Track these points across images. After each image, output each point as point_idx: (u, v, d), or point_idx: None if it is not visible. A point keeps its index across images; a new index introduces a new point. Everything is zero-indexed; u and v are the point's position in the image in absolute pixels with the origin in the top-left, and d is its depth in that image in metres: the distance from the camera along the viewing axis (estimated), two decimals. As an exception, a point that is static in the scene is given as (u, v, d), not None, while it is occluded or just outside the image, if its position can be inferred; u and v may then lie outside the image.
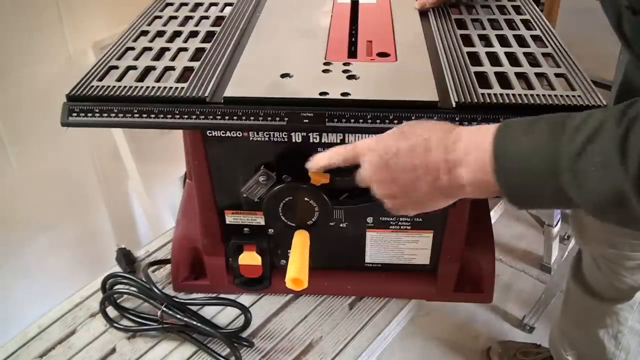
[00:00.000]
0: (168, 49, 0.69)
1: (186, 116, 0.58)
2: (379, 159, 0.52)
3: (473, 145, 0.48)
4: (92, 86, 0.60)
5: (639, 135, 0.40)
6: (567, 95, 0.58)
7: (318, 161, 0.58)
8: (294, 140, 0.63)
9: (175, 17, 0.77)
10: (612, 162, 0.41)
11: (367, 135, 0.62)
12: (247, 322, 0.72)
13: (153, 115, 0.58)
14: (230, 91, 0.60)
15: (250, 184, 0.64)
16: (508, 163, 0.46)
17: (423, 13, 0.78)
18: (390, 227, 0.72)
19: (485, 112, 0.57)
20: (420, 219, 0.71)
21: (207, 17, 0.77)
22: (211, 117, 0.58)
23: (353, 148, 0.55)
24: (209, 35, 0.72)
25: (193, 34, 0.73)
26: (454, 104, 0.57)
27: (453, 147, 0.49)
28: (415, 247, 0.74)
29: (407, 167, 0.51)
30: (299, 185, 0.64)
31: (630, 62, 0.70)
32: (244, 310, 0.72)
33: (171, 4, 0.81)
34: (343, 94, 0.58)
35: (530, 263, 1.66)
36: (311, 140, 0.63)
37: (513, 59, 0.66)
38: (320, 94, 0.58)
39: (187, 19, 0.77)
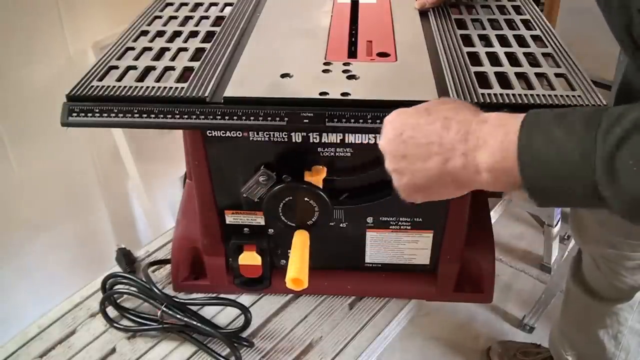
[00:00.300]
0: (168, 49, 0.69)
1: (186, 116, 0.58)
2: (395, 130, 0.50)
3: (499, 130, 0.44)
4: (92, 86, 0.60)
5: None
6: (567, 95, 0.58)
7: None
8: (294, 140, 0.63)
9: (175, 17, 0.77)
10: None
11: (367, 135, 0.62)
12: (247, 322, 0.72)
13: (153, 115, 0.58)
14: (230, 91, 0.60)
15: (250, 184, 0.64)
16: (536, 153, 0.42)
17: (423, 13, 0.78)
18: (390, 227, 0.72)
19: (485, 112, 0.57)
20: (421, 219, 0.71)
21: (207, 17, 0.77)
22: (211, 117, 0.58)
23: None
24: (209, 35, 0.72)
25: (193, 34, 0.73)
26: (454, 104, 0.57)
27: (476, 128, 0.46)
28: (415, 247, 0.74)
29: (421, 143, 0.48)
30: (299, 185, 0.64)
31: (630, 64, 0.70)
32: (244, 310, 0.72)
33: (171, 4, 0.81)
34: (343, 94, 0.58)
35: (530, 263, 1.66)
36: (311, 140, 0.63)
37: (513, 59, 0.66)
38: (320, 94, 0.58)
39: (187, 19, 0.77)
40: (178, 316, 0.70)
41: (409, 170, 0.49)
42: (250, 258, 0.73)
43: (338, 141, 0.63)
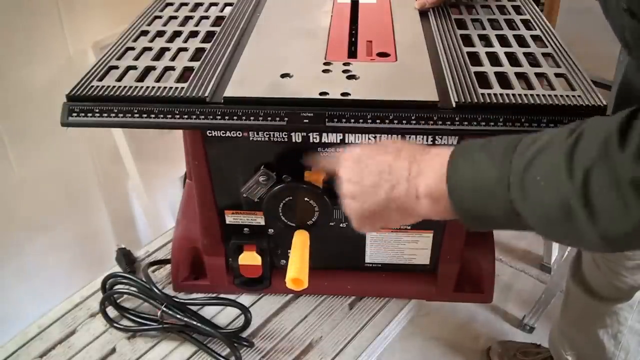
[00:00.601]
0: (168, 49, 0.69)
1: (186, 116, 0.58)
2: (352, 159, 0.53)
3: (436, 159, 0.49)
4: (92, 86, 0.60)
5: (585, 147, 0.40)
6: (567, 95, 0.58)
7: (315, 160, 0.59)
8: (294, 140, 0.63)
9: (175, 17, 0.77)
10: (558, 174, 0.40)
11: (367, 135, 0.62)
12: (247, 322, 0.72)
13: (153, 115, 0.58)
14: (230, 91, 0.60)
15: (250, 184, 0.64)
16: (460, 177, 0.46)
17: (423, 13, 0.78)
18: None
19: (485, 112, 0.57)
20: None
21: (207, 17, 0.77)
22: (211, 117, 0.58)
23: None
24: (209, 35, 0.72)
25: (193, 34, 0.73)
26: (454, 104, 0.57)
27: (419, 158, 0.50)
28: (415, 247, 0.74)
29: (373, 170, 0.51)
30: (299, 185, 0.64)
31: (630, 64, 0.70)
32: (244, 310, 0.72)
33: (171, 4, 0.81)
34: (343, 94, 0.58)
35: (530, 263, 1.66)
36: (311, 140, 0.63)
37: (513, 59, 0.66)
38: (320, 94, 0.58)
39: (187, 19, 0.77)
40: (178, 316, 0.70)
41: (360, 195, 0.52)
42: (250, 258, 0.73)
43: (338, 141, 0.63)
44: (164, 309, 0.70)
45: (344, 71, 0.63)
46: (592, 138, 0.40)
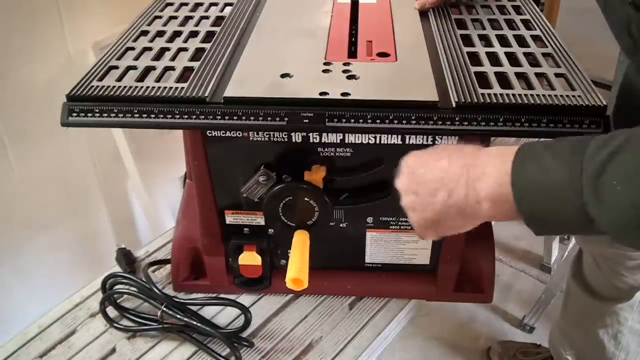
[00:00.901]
0: (168, 49, 0.69)
1: (186, 116, 0.58)
2: (407, 169, 0.52)
3: (496, 160, 0.47)
4: (92, 86, 0.60)
5: None
6: (567, 95, 0.58)
7: None
8: (294, 140, 0.63)
9: (175, 17, 0.77)
10: (637, 176, 0.39)
11: (367, 135, 0.62)
12: (247, 322, 0.72)
13: (153, 115, 0.58)
14: (230, 91, 0.60)
15: (250, 184, 0.64)
16: (527, 179, 0.44)
17: (423, 13, 0.78)
18: (390, 227, 0.72)
19: (485, 112, 0.57)
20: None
21: (207, 17, 0.77)
22: (211, 117, 0.58)
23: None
24: (209, 35, 0.72)
25: (193, 34, 0.73)
26: (454, 104, 0.57)
27: (477, 161, 0.48)
28: (415, 247, 0.74)
29: (429, 179, 0.50)
30: (299, 185, 0.64)
31: (631, 65, 0.70)
32: (244, 310, 0.72)
33: (171, 4, 0.81)
34: (343, 94, 0.58)
35: (530, 263, 1.66)
36: (311, 140, 0.63)
37: (513, 59, 0.66)
38: (320, 94, 0.58)
39: (187, 19, 0.77)
40: (178, 316, 0.70)
41: (420, 206, 0.51)
42: (250, 258, 0.73)
43: (338, 141, 0.63)
44: (164, 309, 0.70)
45: (344, 71, 0.63)
46: None
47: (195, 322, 0.70)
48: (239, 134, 0.63)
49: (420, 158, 0.52)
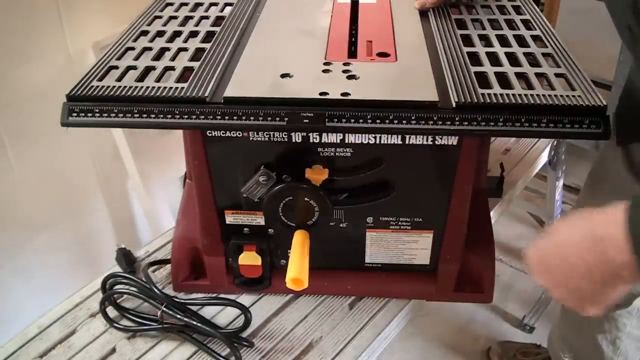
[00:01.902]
0: (168, 49, 0.69)
1: (186, 116, 0.58)
2: (540, 265, 0.54)
3: (617, 226, 0.45)
4: (92, 86, 0.60)
5: None
6: (567, 95, 0.58)
7: None
8: (294, 140, 0.63)
9: (175, 17, 0.77)
10: None
11: (367, 135, 0.62)
12: (247, 322, 0.72)
13: (153, 115, 0.58)
14: (230, 91, 0.60)
15: (250, 184, 0.64)
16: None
17: (423, 13, 0.78)
18: (390, 227, 0.72)
19: (485, 112, 0.57)
20: (420, 219, 0.71)
21: (207, 17, 0.77)
22: (211, 117, 0.58)
23: None
24: (209, 35, 0.72)
25: (193, 34, 0.73)
26: (454, 104, 0.57)
27: (602, 231, 0.47)
28: (415, 247, 0.74)
29: (566, 269, 0.50)
30: (299, 185, 0.64)
31: (634, 65, 0.70)
32: (244, 310, 0.72)
33: (171, 4, 0.81)
34: (343, 94, 0.58)
35: (530, 263, 1.66)
36: (311, 140, 0.63)
37: (513, 59, 0.66)
38: (320, 94, 0.58)
39: (187, 19, 0.77)
40: (178, 316, 0.70)
41: (571, 296, 0.52)
42: (250, 258, 0.73)
43: (338, 141, 0.63)
44: (164, 309, 0.70)
45: (344, 71, 0.63)
46: None
47: (195, 322, 0.70)
48: (239, 134, 0.63)
49: (548, 249, 0.53)
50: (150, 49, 0.69)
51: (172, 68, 0.64)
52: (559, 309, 1.14)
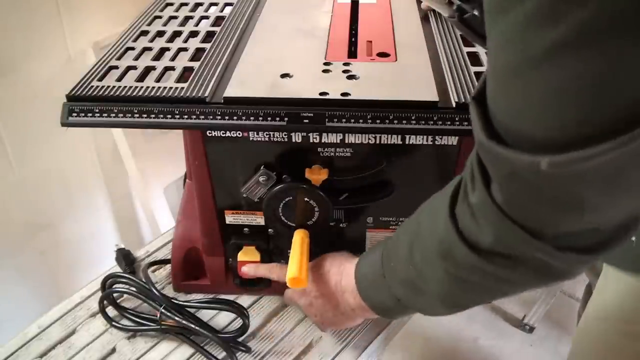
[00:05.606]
0: (168, 49, 0.69)
1: (186, 116, 0.58)
2: (305, 304, 0.68)
3: (349, 276, 0.61)
4: (92, 86, 0.60)
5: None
6: (567, 95, 0.58)
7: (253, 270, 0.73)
8: (294, 140, 0.63)
9: (175, 17, 0.77)
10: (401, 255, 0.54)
11: (367, 135, 0.62)
12: (245, 328, 0.70)
13: (153, 115, 0.58)
14: (230, 91, 0.60)
15: (250, 184, 0.64)
16: (363, 281, 0.59)
17: (423, 13, 0.78)
18: (390, 227, 0.72)
19: (485, 112, 0.57)
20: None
21: (207, 17, 0.77)
22: (211, 117, 0.58)
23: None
24: (209, 35, 0.72)
25: (193, 34, 0.73)
26: (454, 104, 0.58)
27: (342, 278, 0.63)
28: (415, 247, 0.73)
29: (320, 299, 0.66)
30: (299, 185, 0.64)
31: None
32: (242, 315, 0.70)
33: (171, 4, 0.81)
34: (343, 94, 0.58)
35: (530, 263, 1.66)
36: (311, 140, 0.63)
37: (513, 59, 0.66)
38: (320, 94, 0.58)
39: (187, 19, 0.77)
40: (176, 318, 0.70)
41: (318, 315, 0.68)
42: (249, 253, 0.73)
43: (338, 141, 0.63)
44: (163, 310, 0.70)
45: (344, 71, 0.63)
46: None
47: (193, 325, 0.69)
48: (239, 134, 0.63)
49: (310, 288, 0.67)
50: (150, 49, 0.69)
51: (172, 68, 0.64)
52: (558, 309, 1.14)
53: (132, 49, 0.69)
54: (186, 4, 0.81)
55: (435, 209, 0.49)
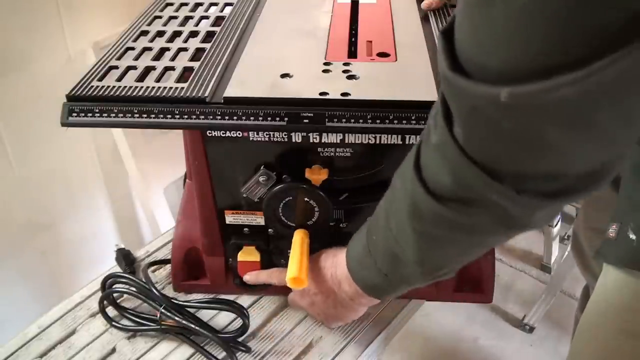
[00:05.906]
0: (168, 49, 0.69)
1: (186, 116, 0.58)
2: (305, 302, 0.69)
3: (342, 265, 0.62)
4: (92, 86, 0.60)
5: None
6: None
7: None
8: (294, 140, 0.63)
9: (175, 17, 0.77)
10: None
11: (367, 135, 0.62)
12: (245, 328, 0.70)
13: (153, 115, 0.58)
14: (230, 91, 0.60)
15: (250, 184, 0.64)
16: (352, 262, 0.60)
17: (423, 13, 0.78)
18: (390, 227, 0.72)
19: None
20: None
21: (207, 17, 0.77)
22: (211, 117, 0.58)
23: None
24: (209, 35, 0.72)
25: (193, 34, 0.73)
26: (454, 104, 0.57)
27: (336, 269, 0.63)
28: (415, 247, 0.73)
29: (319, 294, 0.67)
30: (299, 185, 0.64)
31: None
32: (242, 315, 0.71)
33: (171, 4, 0.81)
34: (343, 94, 0.58)
35: (530, 263, 1.66)
36: (311, 140, 0.63)
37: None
38: (320, 94, 0.58)
39: (187, 19, 0.77)
40: (176, 318, 0.70)
41: (320, 312, 0.69)
42: (249, 253, 0.73)
43: (338, 141, 0.63)
44: (163, 310, 0.70)
45: (344, 71, 0.63)
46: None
47: (193, 325, 0.70)
48: (239, 134, 0.63)
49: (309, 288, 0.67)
50: (150, 49, 0.69)
51: (172, 68, 0.64)
52: (558, 309, 1.14)
53: (132, 49, 0.69)
54: (186, 4, 0.81)
55: (404, 167, 0.49)
